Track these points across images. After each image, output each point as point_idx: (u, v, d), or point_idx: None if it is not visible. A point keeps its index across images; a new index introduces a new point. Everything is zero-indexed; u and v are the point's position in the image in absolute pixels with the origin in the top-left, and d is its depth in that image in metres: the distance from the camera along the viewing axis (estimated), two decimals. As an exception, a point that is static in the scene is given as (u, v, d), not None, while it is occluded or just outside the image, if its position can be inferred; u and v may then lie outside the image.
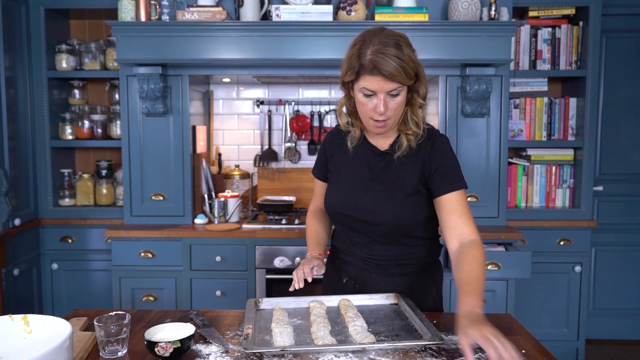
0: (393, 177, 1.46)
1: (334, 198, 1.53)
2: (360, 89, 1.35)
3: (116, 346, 1.18)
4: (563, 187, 3.01)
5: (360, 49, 1.32)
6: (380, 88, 1.31)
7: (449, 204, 1.40)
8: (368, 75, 1.31)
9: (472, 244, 1.34)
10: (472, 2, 2.53)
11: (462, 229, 1.37)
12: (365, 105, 1.36)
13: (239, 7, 2.59)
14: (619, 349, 3.20)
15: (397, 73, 1.29)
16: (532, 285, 2.93)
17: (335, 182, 1.55)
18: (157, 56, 2.53)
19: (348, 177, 1.51)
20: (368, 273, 1.53)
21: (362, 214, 1.47)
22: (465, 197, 1.42)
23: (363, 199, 1.47)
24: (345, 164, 1.53)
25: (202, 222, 2.74)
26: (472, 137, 2.72)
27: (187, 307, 2.62)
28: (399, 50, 1.30)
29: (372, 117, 1.37)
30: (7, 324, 1.06)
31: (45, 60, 2.86)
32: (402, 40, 1.33)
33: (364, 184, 1.48)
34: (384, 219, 1.45)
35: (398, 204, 1.44)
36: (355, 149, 1.51)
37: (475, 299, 1.19)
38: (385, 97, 1.33)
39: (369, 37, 1.33)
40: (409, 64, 1.31)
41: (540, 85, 3.04)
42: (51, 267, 2.92)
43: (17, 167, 2.74)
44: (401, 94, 1.35)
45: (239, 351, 1.19)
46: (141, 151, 2.75)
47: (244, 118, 3.25)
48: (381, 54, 1.28)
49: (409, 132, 1.43)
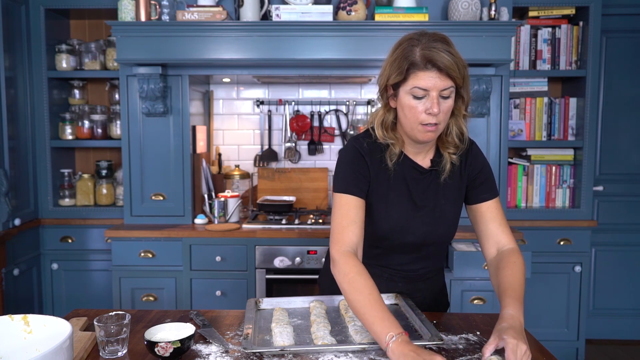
0: (440, 196, 1.40)
1: (383, 225, 1.38)
2: (409, 90, 1.26)
3: (116, 346, 1.18)
4: (563, 187, 3.01)
5: (406, 49, 1.26)
6: (434, 85, 1.23)
7: (489, 212, 1.39)
8: (420, 71, 1.23)
9: (511, 252, 1.34)
10: (472, 2, 2.53)
11: (500, 237, 1.38)
12: (415, 108, 1.27)
13: (239, 7, 2.59)
14: (619, 349, 3.20)
15: (451, 66, 1.22)
16: (532, 285, 2.93)
17: (382, 208, 1.38)
18: (157, 56, 2.53)
19: (395, 201, 1.38)
20: (394, 283, 1.50)
21: (412, 238, 1.40)
22: (500, 204, 1.42)
23: (413, 222, 1.38)
24: (385, 184, 1.37)
25: (202, 222, 2.74)
26: (472, 137, 2.67)
27: (187, 307, 2.62)
28: (449, 46, 1.25)
29: (422, 122, 1.27)
30: (7, 324, 1.06)
31: (45, 60, 2.86)
32: (449, 39, 1.28)
33: (414, 207, 1.39)
34: (435, 240, 1.42)
35: (449, 223, 1.42)
36: (396, 167, 1.37)
37: (518, 304, 1.19)
38: (438, 97, 1.25)
39: (414, 38, 1.27)
40: (460, 62, 1.25)
41: (540, 85, 3.04)
42: (51, 267, 2.92)
43: (17, 167, 2.74)
44: (452, 96, 1.28)
45: (239, 351, 1.19)
46: (141, 151, 2.75)
47: (244, 118, 3.25)
48: (434, 48, 1.22)
49: (450, 149, 1.37)
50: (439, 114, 1.25)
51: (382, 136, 1.36)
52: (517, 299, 1.20)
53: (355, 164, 1.36)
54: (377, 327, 1.13)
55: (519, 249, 1.36)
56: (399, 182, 1.38)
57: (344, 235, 1.29)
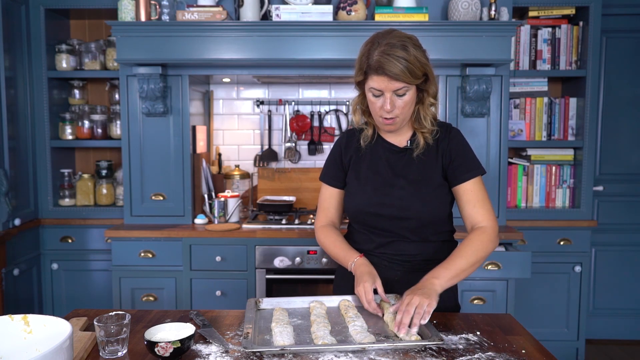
0: (416, 172, 1.50)
1: (358, 199, 1.52)
2: (369, 88, 1.41)
3: (116, 346, 1.18)
4: (563, 187, 3.01)
5: (369, 50, 1.38)
6: (386, 87, 1.37)
7: (466, 193, 1.48)
8: (374, 75, 1.37)
9: (478, 230, 1.45)
10: (472, 2, 2.53)
11: (476, 217, 1.47)
12: (374, 103, 1.43)
13: (239, 7, 2.59)
14: (619, 349, 3.21)
15: (401, 73, 1.34)
16: (532, 285, 2.93)
17: (356, 184, 1.53)
18: (157, 56, 2.53)
19: (369, 177, 1.52)
20: (394, 271, 1.53)
21: (391, 211, 1.48)
22: (481, 184, 1.49)
23: (390, 195, 1.48)
24: (363, 164, 1.54)
25: (202, 222, 2.74)
26: (472, 137, 2.72)
27: (187, 307, 2.62)
28: (405, 52, 1.35)
29: (381, 116, 1.43)
30: (7, 324, 1.06)
31: (45, 60, 2.86)
32: (410, 42, 1.38)
33: (389, 181, 1.50)
34: (413, 213, 1.47)
35: (426, 197, 1.48)
36: (372, 148, 1.53)
37: (442, 271, 1.37)
38: (392, 96, 1.39)
39: (377, 39, 1.39)
40: (415, 65, 1.35)
41: (540, 85, 3.04)
42: (51, 267, 2.92)
43: (17, 167, 2.74)
44: (408, 93, 1.40)
45: (239, 351, 1.19)
46: (141, 151, 2.75)
47: (244, 118, 3.25)
48: (387, 55, 1.34)
49: (424, 129, 1.49)
50: (392, 110, 1.40)
51: (357, 121, 1.55)
52: (444, 267, 1.38)
53: (334, 157, 1.60)
54: (342, 259, 1.52)
55: (489, 226, 1.45)
56: (374, 161, 1.53)
57: (322, 215, 1.63)
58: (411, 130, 1.53)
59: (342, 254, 1.53)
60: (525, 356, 1.18)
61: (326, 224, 1.61)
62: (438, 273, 1.36)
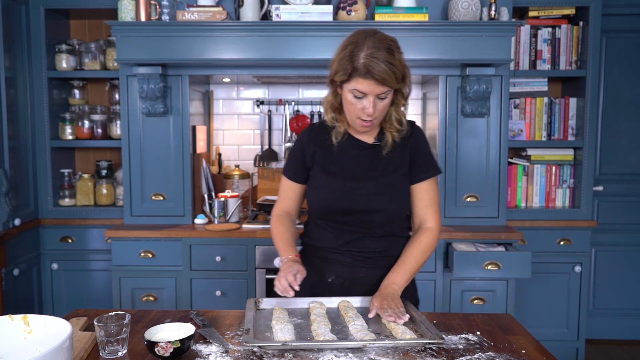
0: (383, 167, 1.52)
1: (326, 194, 1.53)
2: (351, 89, 1.40)
3: (116, 346, 1.18)
4: (563, 187, 3.01)
5: (353, 52, 1.37)
6: (372, 91, 1.38)
7: (421, 192, 1.55)
8: (361, 78, 1.36)
9: (424, 230, 1.54)
10: (472, 2, 2.53)
11: (425, 216, 1.55)
12: (354, 105, 1.42)
13: (239, 7, 2.59)
14: (619, 349, 3.21)
15: (388, 78, 1.35)
16: (532, 285, 2.93)
17: (323, 179, 1.54)
18: (157, 56, 2.53)
19: (337, 172, 1.53)
20: (358, 268, 1.55)
21: (360, 204, 1.50)
22: (436, 185, 1.57)
23: (359, 189, 1.50)
24: (330, 159, 1.55)
25: (202, 222, 2.74)
26: (472, 137, 2.72)
27: (187, 307, 2.62)
28: (390, 55, 1.36)
29: (359, 117, 1.44)
30: (7, 324, 1.06)
31: (45, 60, 2.86)
32: (394, 45, 1.40)
33: (357, 176, 1.52)
34: (382, 206, 1.50)
35: (394, 190, 1.51)
36: (341, 145, 1.54)
37: (398, 276, 1.46)
38: (375, 99, 1.40)
39: (361, 40, 1.38)
40: (399, 69, 1.38)
41: (540, 85, 3.03)
42: (51, 267, 2.92)
43: (17, 167, 2.74)
44: (388, 96, 1.42)
45: (239, 351, 1.19)
46: (141, 151, 2.75)
47: (244, 118, 3.25)
48: (375, 59, 1.34)
49: (392, 129, 1.51)
50: (374, 114, 1.41)
51: (330, 119, 1.55)
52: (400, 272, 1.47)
53: (296, 151, 1.61)
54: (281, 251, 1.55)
55: (434, 228, 1.54)
56: (345, 157, 1.54)
57: (279, 206, 1.66)
58: (378, 127, 1.55)
59: (282, 247, 1.56)
60: (525, 356, 1.18)
61: (281, 212, 1.65)
62: (395, 279, 1.46)
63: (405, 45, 2.47)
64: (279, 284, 1.40)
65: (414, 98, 3.20)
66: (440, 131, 2.73)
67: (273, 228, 1.62)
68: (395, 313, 1.31)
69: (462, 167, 2.73)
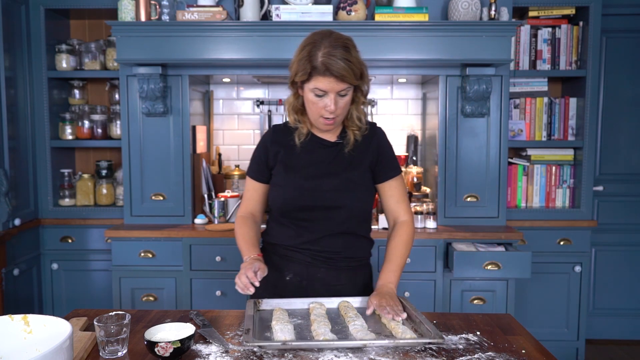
0: (345, 164, 1.55)
1: (289, 191, 1.54)
2: (311, 89, 1.44)
3: (116, 346, 1.18)
4: (563, 187, 3.01)
5: (311, 52, 1.41)
6: (332, 88, 1.41)
7: (390, 189, 1.59)
8: (320, 76, 1.40)
9: (402, 225, 1.59)
10: (472, 2, 2.53)
11: (398, 211, 1.60)
12: (316, 104, 1.46)
13: (239, 7, 2.59)
14: (619, 349, 3.21)
15: (347, 74, 1.39)
16: (532, 285, 2.93)
17: (285, 177, 1.55)
18: (157, 56, 2.53)
19: (298, 169, 1.55)
20: (316, 268, 1.56)
21: (321, 201, 1.52)
22: (402, 182, 1.63)
23: (322, 186, 1.52)
24: (294, 159, 1.57)
25: (202, 222, 2.74)
26: (472, 137, 2.72)
27: (187, 307, 2.62)
28: (347, 53, 1.40)
29: (322, 115, 1.47)
30: (7, 324, 1.06)
31: (45, 60, 2.86)
32: (350, 43, 1.44)
33: (320, 173, 1.54)
34: (345, 202, 1.52)
35: (357, 188, 1.54)
36: (304, 145, 1.57)
37: (391, 275, 1.51)
38: (336, 96, 1.43)
39: (318, 40, 1.42)
40: (356, 65, 1.42)
41: (540, 85, 3.03)
42: (51, 267, 2.92)
43: (17, 167, 2.74)
44: (349, 93, 1.46)
45: (239, 351, 1.19)
46: (141, 151, 2.75)
47: (244, 118, 3.25)
48: (332, 56, 1.38)
49: (354, 127, 1.54)
50: (335, 111, 1.44)
51: (293, 120, 1.58)
52: (392, 271, 1.52)
53: (259, 152, 1.62)
54: (242, 254, 1.54)
55: (410, 221, 1.60)
56: (308, 157, 1.56)
57: (243, 207, 1.67)
58: (340, 126, 1.58)
59: (245, 247, 1.56)
60: (525, 356, 1.18)
61: (245, 214, 1.65)
62: (389, 278, 1.50)
63: (405, 45, 2.52)
64: (239, 281, 1.39)
65: (413, 98, 3.20)
66: (440, 131, 2.73)
67: (236, 229, 1.62)
68: (394, 310, 1.34)
69: (462, 167, 2.73)
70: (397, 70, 2.74)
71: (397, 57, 2.51)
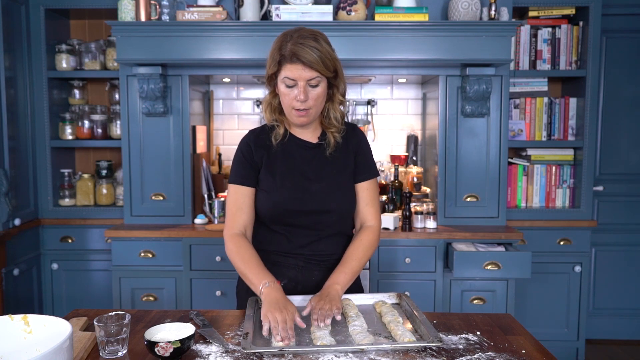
0: (331, 167, 1.54)
1: (277, 197, 1.49)
2: (282, 79, 1.43)
3: (116, 346, 1.18)
4: (563, 187, 3.01)
5: (281, 44, 1.42)
6: (300, 76, 1.40)
7: (362, 192, 1.57)
8: (289, 64, 1.40)
9: (366, 229, 1.56)
10: (472, 2, 2.53)
11: (367, 215, 1.58)
12: (287, 95, 1.44)
13: (239, 7, 2.59)
14: (619, 349, 3.20)
15: (315, 61, 1.38)
16: (532, 285, 2.93)
17: (272, 182, 1.50)
18: (157, 56, 2.53)
19: (286, 173, 1.51)
20: (310, 272, 1.55)
21: (312, 205, 1.50)
22: (375, 185, 1.60)
23: (310, 189, 1.51)
24: (277, 162, 1.53)
25: (202, 222, 2.74)
26: (472, 137, 2.72)
27: (187, 307, 2.62)
28: (316, 43, 1.40)
29: (294, 107, 1.45)
30: (7, 324, 1.06)
31: (45, 60, 2.86)
32: (320, 36, 1.44)
33: (306, 176, 1.52)
34: (335, 205, 1.52)
35: (344, 189, 1.54)
36: (284, 146, 1.54)
37: (341, 276, 1.46)
38: (306, 86, 1.42)
39: (289, 34, 1.43)
40: (326, 56, 1.41)
41: (540, 85, 3.03)
42: (51, 267, 2.92)
43: (17, 167, 2.74)
44: (321, 85, 1.44)
45: (239, 351, 1.19)
46: (141, 151, 2.75)
47: (244, 118, 3.25)
48: (300, 44, 1.39)
49: (332, 128, 1.54)
50: (306, 101, 1.42)
51: (269, 119, 1.55)
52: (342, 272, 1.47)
53: (242, 155, 1.55)
54: (254, 280, 1.40)
55: (376, 226, 1.57)
56: (290, 159, 1.53)
57: (233, 221, 1.52)
58: (320, 128, 1.57)
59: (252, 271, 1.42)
60: (525, 356, 1.18)
61: (238, 232, 1.50)
62: (338, 279, 1.45)
63: (405, 45, 2.52)
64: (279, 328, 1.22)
65: (413, 98, 3.20)
66: (440, 131, 2.73)
67: (233, 251, 1.47)
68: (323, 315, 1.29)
69: (462, 167, 2.73)
70: (397, 70, 2.74)
71: (397, 57, 2.51)
